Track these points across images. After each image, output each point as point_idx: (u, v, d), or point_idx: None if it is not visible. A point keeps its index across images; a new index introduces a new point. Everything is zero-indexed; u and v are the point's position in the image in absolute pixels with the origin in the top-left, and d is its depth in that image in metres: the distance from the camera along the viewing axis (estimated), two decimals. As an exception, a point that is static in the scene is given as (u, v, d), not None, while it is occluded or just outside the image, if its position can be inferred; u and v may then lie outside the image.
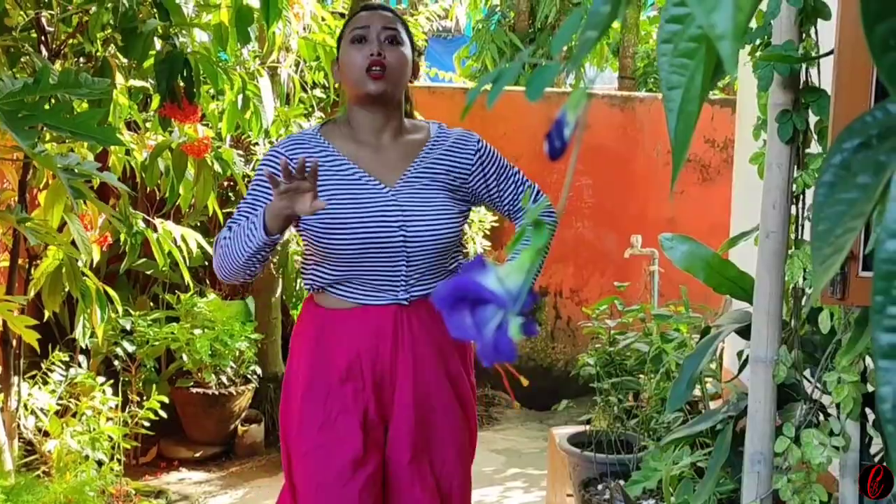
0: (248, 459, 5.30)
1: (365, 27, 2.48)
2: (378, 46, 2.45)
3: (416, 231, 2.44)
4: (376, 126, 2.52)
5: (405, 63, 2.50)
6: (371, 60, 2.43)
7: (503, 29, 9.94)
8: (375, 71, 2.43)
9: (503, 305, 0.70)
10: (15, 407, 3.74)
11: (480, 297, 0.70)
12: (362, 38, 2.47)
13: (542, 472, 5.14)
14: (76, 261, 3.59)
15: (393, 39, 2.48)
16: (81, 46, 3.50)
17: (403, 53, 2.50)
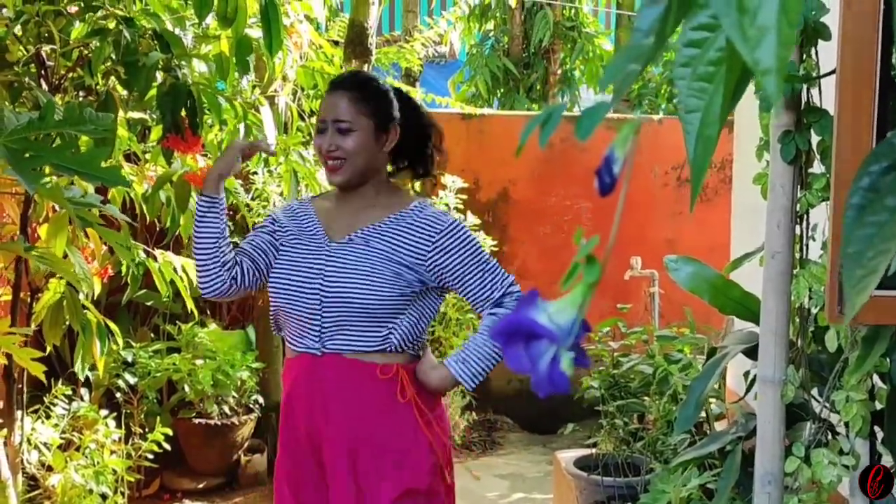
0: (252, 489, 5.28)
1: (323, 119, 2.60)
2: (330, 140, 2.56)
3: (333, 285, 2.52)
4: (349, 198, 2.66)
5: (359, 149, 2.57)
6: (325, 154, 2.58)
7: (497, 54, 9.98)
8: (331, 164, 2.58)
9: (556, 340, 0.71)
10: (18, 441, 3.72)
11: (533, 332, 0.71)
12: (321, 128, 2.60)
13: (548, 497, 5.13)
14: (77, 293, 3.58)
15: (345, 131, 2.56)
16: (81, 80, 3.51)
17: (358, 139, 2.56)
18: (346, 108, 2.57)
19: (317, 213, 2.70)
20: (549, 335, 0.71)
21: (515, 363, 0.73)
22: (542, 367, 0.72)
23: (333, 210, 2.69)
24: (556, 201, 6.82)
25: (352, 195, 2.65)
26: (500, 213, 6.75)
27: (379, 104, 2.62)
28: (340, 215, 2.65)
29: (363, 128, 2.57)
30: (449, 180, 5.80)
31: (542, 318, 0.73)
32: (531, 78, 10.03)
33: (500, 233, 6.41)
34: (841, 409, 2.14)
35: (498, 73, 9.79)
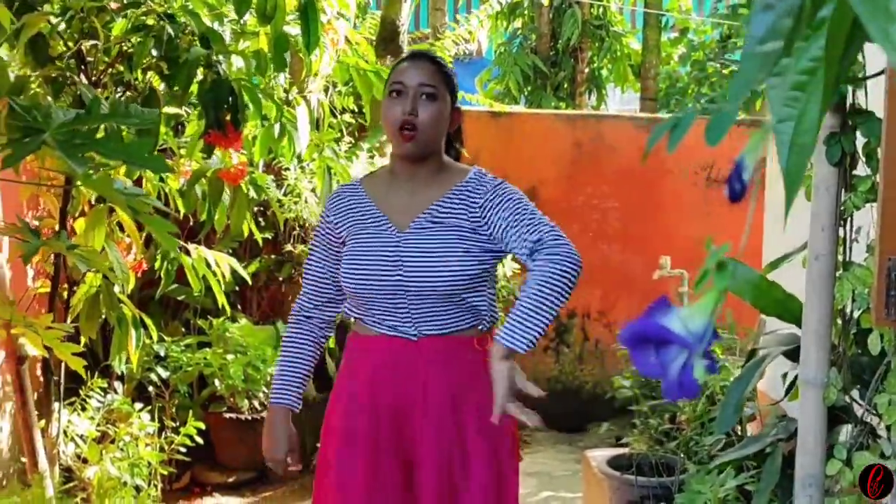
0: (282, 484, 5.30)
1: (402, 82, 2.53)
2: (412, 104, 2.50)
3: (413, 274, 2.50)
4: (409, 173, 2.59)
5: (439, 119, 2.53)
6: (403, 120, 2.49)
7: (525, 52, 9.98)
8: (406, 131, 2.49)
9: (688, 346, 0.71)
10: (55, 434, 3.76)
11: (664, 338, 0.72)
12: (399, 92, 2.53)
13: (576, 496, 5.13)
14: (112, 287, 3.61)
15: (430, 95, 2.51)
16: (120, 75, 3.54)
17: (439, 109, 2.53)
18: (433, 75, 2.55)
19: (372, 199, 2.63)
20: (682, 342, 0.72)
21: (644, 367, 0.74)
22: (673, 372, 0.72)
23: (390, 193, 2.62)
24: (584, 200, 6.81)
25: (409, 172, 2.59)
26: (529, 211, 6.74)
27: (454, 82, 2.63)
28: (398, 198, 2.60)
29: (444, 98, 2.55)
30: (479, 178, 5.79)
31: (674, 324, 0.73)
32: (559, 76, 10.03)
33: (528, 231, 6.40)
34: (883, 412, 2.14)
35: (527, 71, 9.79)
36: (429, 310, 2.53)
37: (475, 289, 2.54)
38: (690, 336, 0.72)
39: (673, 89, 10.43)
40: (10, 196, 4.10)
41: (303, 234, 5.56)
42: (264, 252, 5.69)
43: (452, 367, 2.57)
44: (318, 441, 5.37)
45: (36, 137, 2.28)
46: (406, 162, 2.58)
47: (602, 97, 10.57)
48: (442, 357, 2.56)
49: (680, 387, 0.73)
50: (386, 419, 2.57)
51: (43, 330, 2.85)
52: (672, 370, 0.73)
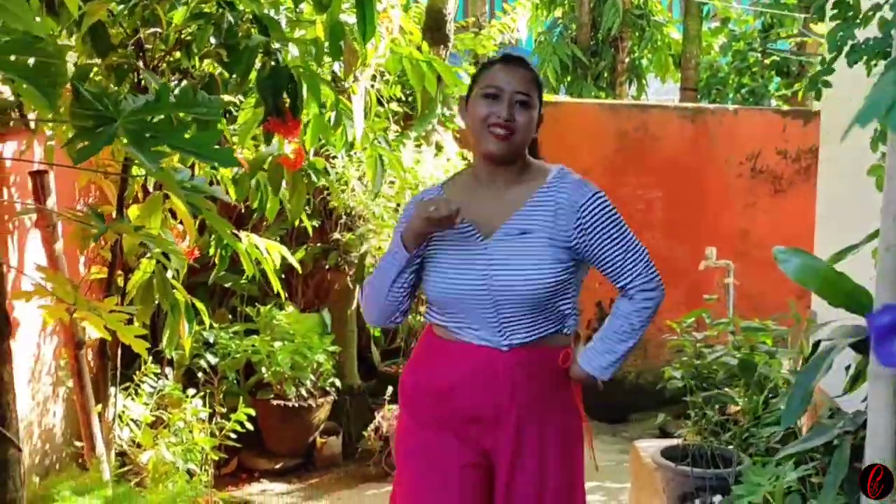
0: (327, 471, 5.33)
1: (499, 87, 2.51)
2: (509, 110, 2.48)
3: (502, 283, 2.47)
4: (492, 176, 2.57)
5: (531, 126, 2.53)
6: (498, 123, 2.47)
7: (565, 41, 9.95)
8: (500, 132, 2.48)
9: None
10: (111, 418, 3.79)
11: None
12: (495, 96, 2.50)
13: (621, 486, 5.12)
14: (165, 273, 3.63)
15: (525, 104, 2.50)
16: (177, 63, 3.55)
17: (532, 116, 2.53)
18: (529, 84, 2.53)
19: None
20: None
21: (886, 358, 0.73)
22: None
23: (473, 199, 2.58)
24: (628, 190, 6.78)
25: (493, 175, 2.57)
26: (573, 201, 6.72)
27: (542, 90, 2.62)
28: (482, 205, 2.57)
29: (535, 107, 2.54)
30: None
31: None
32: (599, 66, 10.00)
33: (572, 221, 6.38)
34: (955, 405, 2.11)
35: (566, 61, 9.76)
36: (518, 318, 2.50)
37: (564, 293, 2.52)
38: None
39: (713, 79, 10.35)
40: (64, 184, 4.13)
41: (349, 222, 5.58)
42: (311, 240, 5.71)
43: (537, 380, 2.55)
44: (363, 429, 5.42)
45: (108, 128, 2.29)
46: (492, 163, 2.55)
47: (642, 87, 10.53)
48: (529, 369, 2.53)
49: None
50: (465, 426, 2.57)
51: (106, 313, 2.87)
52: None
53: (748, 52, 9.84)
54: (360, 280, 5.57)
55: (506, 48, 2.92)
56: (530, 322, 2.50)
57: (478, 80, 2.59)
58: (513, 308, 2.48)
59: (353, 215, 5.51)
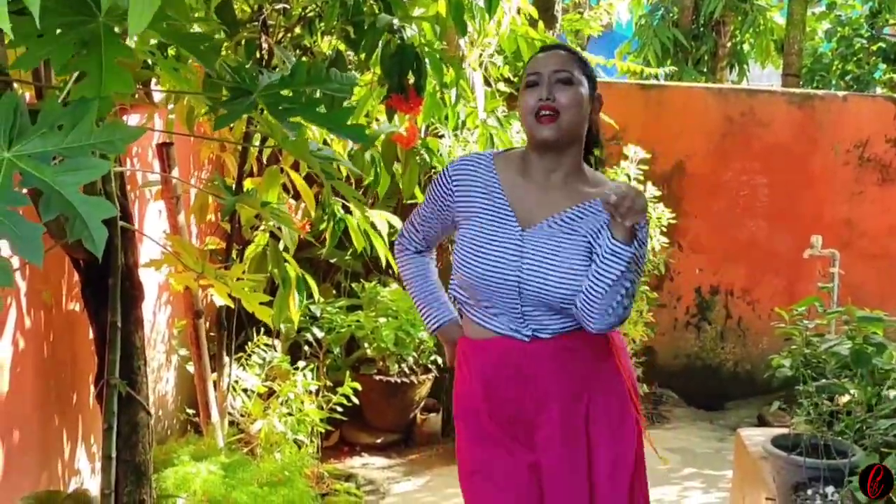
0: (427, 447, 5.39)
1: (537, 72, 2.48)
2: (548, 90, 2.43)
3: (532, 278, 2.43)
4: (545, 167, 2.52)
5: (579, 102, 2.46)
6: (540, 105, 2.43)
7: (666, 24, 9.85)
8: (544, 115, 2.42)
9: None
10: (226, 387, 3.87)
11: None
12: (535, 83, 2.47)
13: (720, 473, 5.09)
14: (278, 245, 3.69)
15: (566, 80, 2.45)
16: (299, 39, 3.60)
17: (577, 92, 2.46)
18: (567, 62, 2.48)
19: (503, 185, 2.54)
20: None
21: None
22: None
23: (522, 185, 2.53)
24: (732, 176, 6.71)
25: (546, 169, 2.51)
26: (675, 185, 6.67)
27: (591, 69, 2.56)
28: (529, 193, 2.51)
29: (581, 82, 2.48)
30: (631, 151, 5.75)
31: None
32: (700, 50, 9.89)
33: (673, 205, 6.32)
34: None
35: (667, 44, 9.66)
36: (543, 313, 2.47)
37: None
38: None
39: (816, 65, 10.17)
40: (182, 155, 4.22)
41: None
42: (414, 217, 5.75)
43: (568, 365, 2.52)
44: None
45: (245, 99, 2.34)
46: (544, 153, 2.50)
47: (743, 72, 10.38)
48: (554, 357, 2.51)
49: None
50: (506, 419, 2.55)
51: (233, 282, 2.93)
52: None
53: (854, 37, 9.65)
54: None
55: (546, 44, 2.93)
56: (555, 318, 2.46)
57: (522, 76, 2.55)
58: (538, 303, 2.45)
59: (470, 152, 5.54)
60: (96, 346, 2.73)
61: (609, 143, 6.31)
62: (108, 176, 2.50)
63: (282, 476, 3.61)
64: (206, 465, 3.37)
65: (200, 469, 3.33)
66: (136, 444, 2.73)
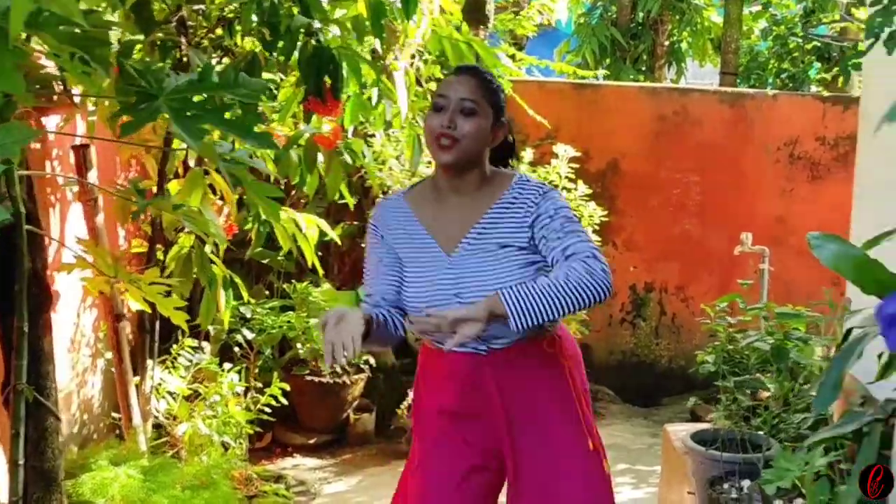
0: (360, 448, 5.39)
1: (445, 95, 2.53)
2: (451, 117, 2.49)
3: (471, 297, 2.48)
4: (452, 186, 2.60)
5: (476, 133, 2.52)
6: (440, 132, 2.49)
7: (605, 23, 9.90)
8: (444, 142, 2.50)
9: None
10: (149, 390, 3.85)
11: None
12: (440, 107, 2.53)
13: (652, 469, 5.14)
14: (204, 248, 3.68)
15: (470, 112, 2.51)
16: (219, 40, 3.59)
17: (479, 124, 2.52)
18: (475, 90, 2.54)
19: (418, 217, 2.63)
20: None
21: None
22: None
23: (435, 211, 2.62)
24: (665, 174, 6.77)
25: (453, 186, 2.59)
26: (609, 184, 6.72)
27: (499, 98, 2.61)
28: (444, 217, 2.60)
29: (485, 114, 2.54)
30: (561, 149, 5.78)
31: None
32: (638, 49, 9.94)
33: (608, 204, 6.37)
34: None
35: (605, 44, 9.71)
36: (493, 327, 2.45)
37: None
38: None
39: (753, 64, 10.26)
40: (106, 158, 4.19)
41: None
42: (348, 218, 5.75)
43: (522, 370, 2.60)
44: (396, 406, 5.47)
45: (150, 104, 2.33)
46: (447, 174, 2.59)
47: (681, 71, 10.45)
48: (511, 364, 2.59)
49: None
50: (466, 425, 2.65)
51: (146, 285, 2.92)
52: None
53: (789, 36, 9.76)
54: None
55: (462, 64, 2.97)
56: (504, 330, 2.44)
57: (434, 94, 2.63)
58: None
59: (390, 194, 5.54)
60: (3, 351, 2.71)
61: (543, 142, 6.36)
62: (11, 179, 2.48)
63: (205, 479, 3.59)
64: (124, 469, 3.34)
65: (119, 474, 3.31)
66: (45, 449, 2.72)
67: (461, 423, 2.66)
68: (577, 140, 6.18)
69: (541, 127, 6.17)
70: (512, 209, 2.54)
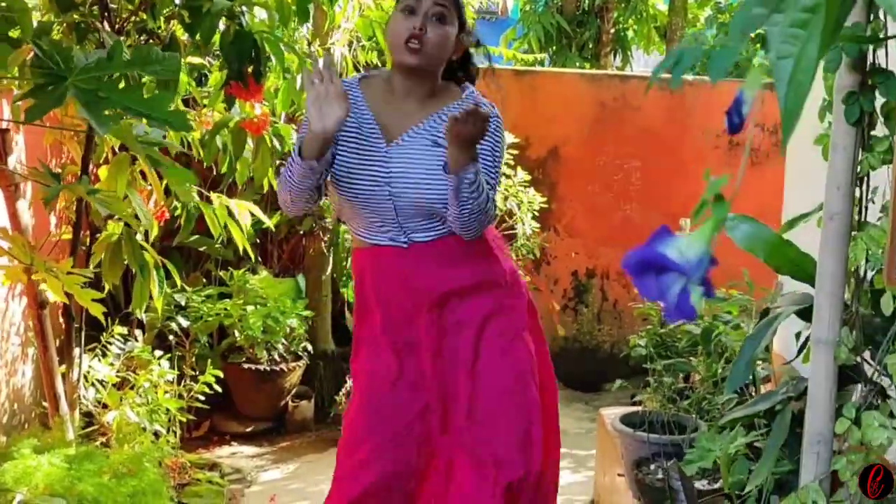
0: (299, 435, 5.37)
1: (413, 3, 2.63)
2: (422, 21, 2.61)
3: (401, 188, 2.65)
4: (405, 88, 2.73)
5: (445, 41, 2.65)
6: (411, 34, 2.60)
7: (551, 11, 9.92)
8: (413, 44, 2.61)
9: (686, 273, 0.75)
10: (76, 378, 3.81)
11: (665, 265, 0.75)
12: (411, 10, 2.63)
13: (589, 453, 5.17)
14: (134, 234, 3.64)
15: (440, 17, 2.63)
16: (143, 23, 3.55)
17: (447, 32, 2.65)
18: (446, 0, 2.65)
19: (368, 104, 2.74)
20: (680, 268, 0.75)
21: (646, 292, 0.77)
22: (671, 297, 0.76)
23: (388, 103, 2.73)
24: (606, 160, 6.79)
25: (406, 89, 2.71)
26: (550, 170, 6.73)
27: (462, 13, 2.73)
28: (391, 110, 2.72)
29: (452, 24, 2.67)
30: (500, 136, 5.78)
31: (672, 252, 0.77)
32: (584, 36, 9.96)
33: (548, 190, 6.40)
34: (893, 373, 2.14)
35: (550, 31, 9.73)
36: (417, 222, 2.68)
37: None
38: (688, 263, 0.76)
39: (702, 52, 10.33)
40: (34, 142, 4.13)
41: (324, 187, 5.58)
42: (286, 205, 5.72)
43: (441, 262, 2.75)
44: (336, 393, 5.45)
45: (58, 86, 2.30)
46: (405, 76, 2.70)
47: (627, 58, 10.49)
48: (431, 258, 2.74)
49: (678, 311, 0.77)
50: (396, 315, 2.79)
51: (63, 275, 2.88)
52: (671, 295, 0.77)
53: (734, 24, 9.82)
54: (333, 245, 5.59)
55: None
56: (430, 225, 2.70)
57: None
58: (412, 212, 2.66)
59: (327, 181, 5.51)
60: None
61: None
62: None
63: (133, 467, 3.55)
64: (48, 457, 3.30)
65: (42, 462, 3.27)
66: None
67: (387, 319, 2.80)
68: (517, 127, 6.18)
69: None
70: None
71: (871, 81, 2.18)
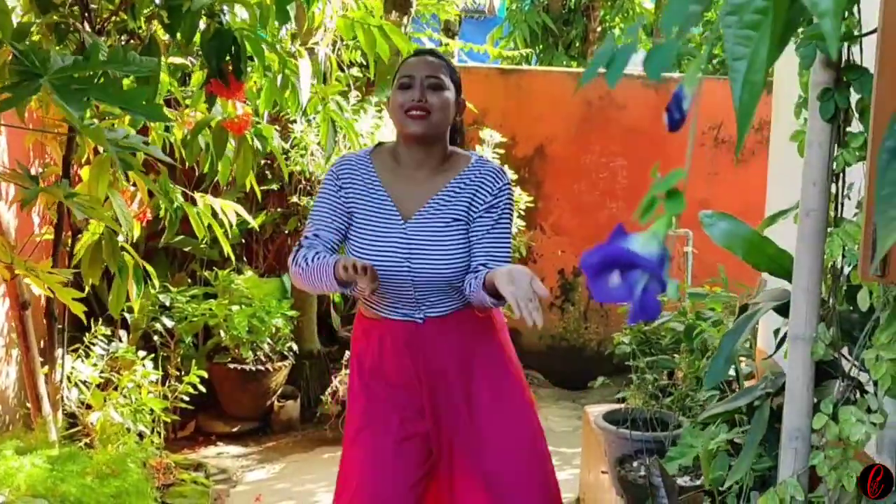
0: (284, 435, 5.37)
1: (410, 75, 2.69)
2: (420, 93, 2.66)
3: (421, 265, 2.65)
4: (416, 161, 2.74)
5: (446, 106, 2.69)
6: (412, 104, 2.65)
7: (537, 10, 9.92)
8: (415, 113, 2.65)
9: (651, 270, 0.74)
10: (59, 379, 3.80)
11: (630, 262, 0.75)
12: (408, 85, 2.68)
13: (576, 451, 5.17)
14: (115, 235, 3.64)
15: (436, 86, 2.68)
16: (124, 23, 3.54)
17: (445, 98, 2.69)
18: (438, 69, 2.71)
19: (381, 180, 2.74)
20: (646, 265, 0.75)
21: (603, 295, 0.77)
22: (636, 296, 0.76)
23: (399, 177, 2.74)
24: (592, 159, 6.80)
25: (416, 160, 2.73)
26: (536, 169, 6.75)
27: (457, 75, 2.78)
28: (405, 185, 2.73)
29: (449, 89, 2.71)
30: (487, 135, 5.80)
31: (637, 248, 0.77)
32: (570, 35, 9.97)
33: (535, 189, 6.42)
34: (870, 368, 2.15)
35: (537, 30, 9.73)
36: (435, 296, 2.69)
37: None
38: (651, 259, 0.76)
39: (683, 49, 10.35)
40: (16, 144, 4.12)
41: (308, 186, 5.58)
42: (270, 205, 5.72)
43: (455, 337, 2.76)
44: (322, 393, 5.45)
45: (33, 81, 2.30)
46: (413, 146, 2.71)
47: (613, 57, 10.50)
48: (446, 332, 2.73)
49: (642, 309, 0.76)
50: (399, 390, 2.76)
51: (44, 274, 2.88)
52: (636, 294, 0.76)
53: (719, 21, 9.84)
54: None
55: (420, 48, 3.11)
56: (447, 299, 2.71)
57: (395, 77, 2.75)
58: (431, 287, 2.67)
59: (313, 180, 5.52)
60: None
61: (469, 127, 6.36)
62: None
63: (117, 467, 3.55)
64: (30, 458, 3.30)
65: (24, 463, 3.26)
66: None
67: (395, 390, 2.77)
68: (504, 125, 6.20)
69: (468, 113, 6.16)
70: (470, 187, 2.72)
71: (846, 78, 2.19)
